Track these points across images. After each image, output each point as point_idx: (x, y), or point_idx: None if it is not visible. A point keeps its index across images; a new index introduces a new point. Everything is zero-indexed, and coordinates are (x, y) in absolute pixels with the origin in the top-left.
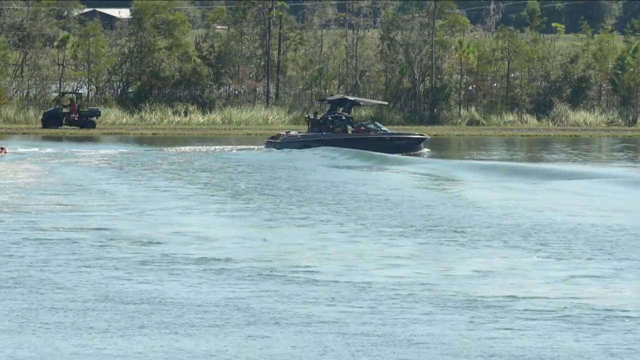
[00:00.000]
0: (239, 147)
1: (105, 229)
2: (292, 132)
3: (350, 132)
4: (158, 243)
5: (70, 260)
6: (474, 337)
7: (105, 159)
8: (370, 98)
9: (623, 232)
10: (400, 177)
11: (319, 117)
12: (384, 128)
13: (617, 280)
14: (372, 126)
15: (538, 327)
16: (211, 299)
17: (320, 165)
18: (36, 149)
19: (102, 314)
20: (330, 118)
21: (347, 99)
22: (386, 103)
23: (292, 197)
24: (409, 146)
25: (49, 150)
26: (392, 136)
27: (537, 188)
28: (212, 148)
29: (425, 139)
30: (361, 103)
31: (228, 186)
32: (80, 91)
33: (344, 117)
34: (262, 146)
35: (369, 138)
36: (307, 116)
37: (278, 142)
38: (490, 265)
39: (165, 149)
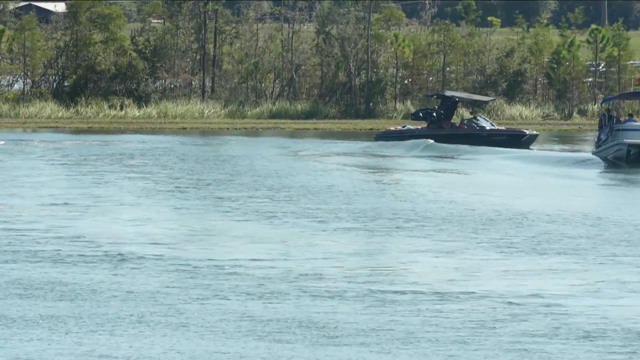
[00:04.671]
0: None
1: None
2: (408, 127)
3: (453, 127)
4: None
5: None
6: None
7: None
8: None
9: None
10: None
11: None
12: (483, 123)
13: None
14: (472, 121)
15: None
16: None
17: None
18: None
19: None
20: (421, 114)
21: (443, 94)
22: (490, 98)
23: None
24: (509, 142)
25: None
26: (488, 132)
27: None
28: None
29: (526, 135)
30: (456, 98)
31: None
32: None
33: (434, 113)
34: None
35: (464, 134)
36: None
37: (374, 136)
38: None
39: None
